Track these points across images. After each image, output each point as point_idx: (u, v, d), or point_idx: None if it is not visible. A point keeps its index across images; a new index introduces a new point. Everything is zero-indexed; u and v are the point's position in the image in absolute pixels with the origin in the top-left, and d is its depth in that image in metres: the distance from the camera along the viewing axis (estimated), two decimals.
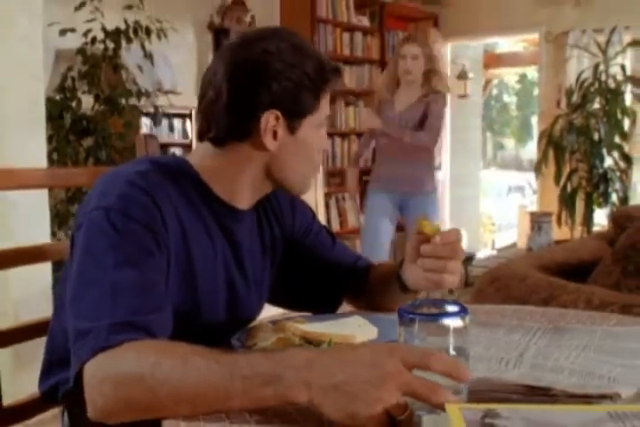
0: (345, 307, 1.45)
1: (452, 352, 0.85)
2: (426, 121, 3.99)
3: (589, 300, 2.12)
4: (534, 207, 6.71)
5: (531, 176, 6.73)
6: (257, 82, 1.16)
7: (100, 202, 1.08)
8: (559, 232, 5.47)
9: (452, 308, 0.88)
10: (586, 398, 0.86)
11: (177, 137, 4.40)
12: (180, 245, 1.14)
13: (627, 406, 0.84)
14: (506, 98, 19.19)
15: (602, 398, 0.86)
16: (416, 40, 4.10)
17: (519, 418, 0.75)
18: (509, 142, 20.11)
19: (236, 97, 1.17)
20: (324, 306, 1.41)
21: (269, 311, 1.44)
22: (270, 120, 1.16)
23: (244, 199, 1.26)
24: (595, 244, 2.91)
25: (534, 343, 1.12)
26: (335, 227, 5.68)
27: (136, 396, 0.89)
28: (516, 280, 2.27)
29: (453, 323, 0.85)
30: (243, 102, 1.17)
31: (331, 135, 5.67)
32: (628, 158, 5.28)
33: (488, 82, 9.04)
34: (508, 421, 0.74)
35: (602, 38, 5.47)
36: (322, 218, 5.33)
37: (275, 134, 1.17)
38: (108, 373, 0.91)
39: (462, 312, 0.86)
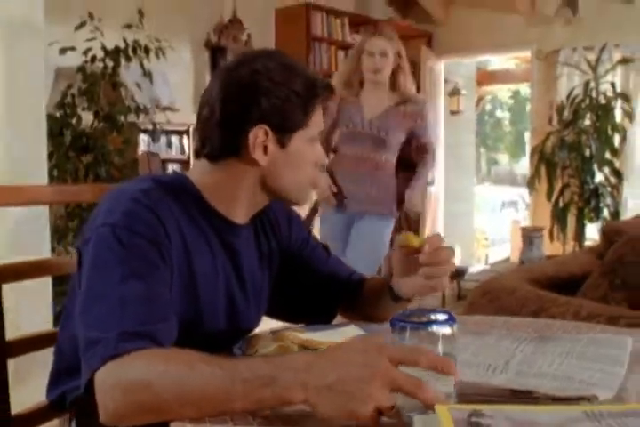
0: (339, 318, 1.51)
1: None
2: (412, 140, 3.61)
3: (577, 312, 2.18)
4: (527, 222, 6.78)
5: (524, 191, 6.80)
6: (246, 99, 1.22)
7: (107, 218, 1.14)
8: (552, 247, 5.54)
9: (440, 316, 0.94)
10: (565, 400, 0.92)
11: (175, 153, 4.47)
12: (182, 258, 1.19)
13: (602, 406, 0.90)
14: (499, 113, 19.31)
15: (580, 399, 0.92)
16: (383, 33, 3.54)
17: (503, 417, 0.81)
18: (503, 158, 20.22)
19: (227, 114, 1.23)
20: (320, 317, 1.47)
21: (269, 323, 1.49)
22: (259, 135, 1.22)
23: (242, 214, 1.32)
24: (585, 258, 2.98)
25: (520, 351, 1.18)
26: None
27: (145, 400, 0.94)
28: (507, 293, 2.34)
29: (442, 330, 0.92)
30: (233, 119, 1.23)
31: (325, 151, 5.75)
32: (618, 174, 5.36)
33: (481, 98, 9.14)
34: (492, 420, 0.80)
35: (592, 56, 5.57)
36: (316, 232, 5.39)
37: (265, 149, 1.23)
38: (118, 379, 0.97)
39: (450, 320, 0.93)
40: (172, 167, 4.24)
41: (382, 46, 3.44)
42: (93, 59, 3.85)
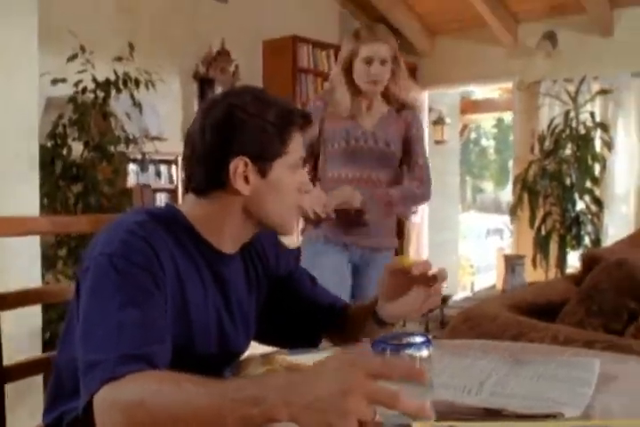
0: (326, 342, 1.57)
1: None
2: (404, 157, 2.95)
3: (555, 337, 2.25)
4: (512, 250, 6.87)
5: (509, 219, 6.90)
6: (223, 133, 1.30)
7: (104, 248, 1.21)
8: (535, 274, 5.62)
9: (418, 339, 1.01)
10: (534, 417, 0.99)
11: (163, 182, 4.53)
12: (175, 287, 1.26)
13: (568, 422, 0.97)
14: (484, 142, 19.51)
15: (547, 417, 0.99)
16: (379, 35, 2.84)
17: None
18: (489, 185, 20.38)
19: (207, 149, 1.31)
20: (306, 342, 1.54)
21: (259, 346, 1.55)
22: (239, 166, 1.29)
23: (231, 244, 1.38)
24: (564, 285, 3.05)
25: (495, 373, 1.25)
26: None
27: (140, 420, 1.00)
28: (488, 320, 2.40)
29: (420, 352, 0.99)
30: (212, 153, 1.31)
31: (311, 181, 5.82)
32: (599, 202, 5.46)
33: (465, 127, 9.27)
34: None
35: (572, 87, 5.70)
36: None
37: (247, 179, 1.30)
38: (115, 401, 1.02)
39: (427, 343, 1.00)
40: (160, 196, 4.30)
41: (383, 52, 2.79)
42: (84, 90, 3.92)
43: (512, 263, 5.53)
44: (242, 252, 1.45)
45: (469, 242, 11.84)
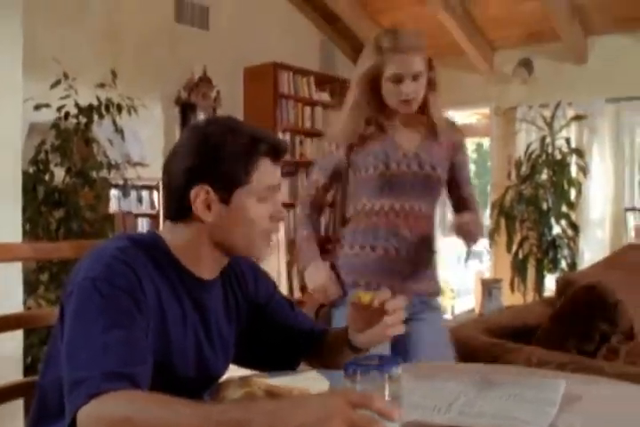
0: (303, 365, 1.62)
1: (388, 398, 1.03)
2: (457, 177, 2.42)
3: (529, 359, 2.31)
4: (490, 274, 6.92)
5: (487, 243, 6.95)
6: (186, 163, 1.35)
7: (88, 273, 1.25)
8: (513, 297, 5.67)
9: (388, 360, 1.07)
10: None
11: (145, 208, 4.56)
12: (156, 312, 1.30)
13: None
14: None
15: None
16: (409, 43, 2.22)
17: None
18: None
19: (173, 178, 1.37)
20: (284, 366, 1.58)
21: (237, 370, 1.59)
22: (200, 194, 1.33)
23: (209, 270, 1.43)
24: (539, 308, 3.11)
25: (464, 395, 1.30)
26: (297, 295, 5.81)
27: None
28: (463, 343, 2.45)
29: (389, 373, 1.04)
30: (177, 182, 1.36)
31: (292, 205, 5.87)
32: (574, 226, 5.54)
33: None
34: None
35: (547, 113, 5.79)
36: (284, 286, 5.49)
37: (209, 207, 1.34)
38: (100, 416, 1.06)
39: (396, 363, 1.05)
40: (142, 222, 4.33)
41: (414, 66, 2.20)
42: (67, 115, 3.95)
43: (489, 287, 5.59)
44: (222, 278, 1.49)
45: (450, 266, 11.89)
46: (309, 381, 1.30)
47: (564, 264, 5.55)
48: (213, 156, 1.34)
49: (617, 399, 1.17)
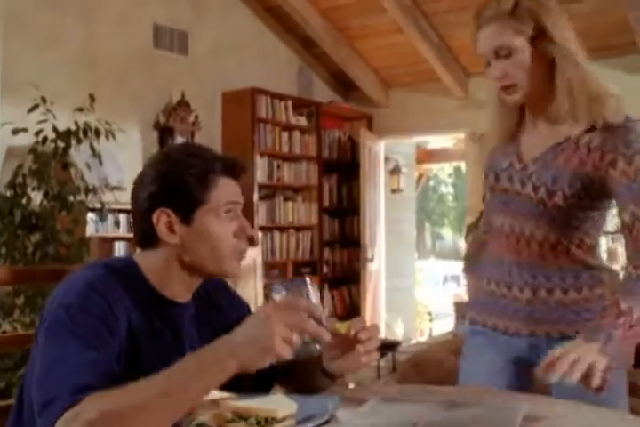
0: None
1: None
2: (616, 194, 1.65)
3: None
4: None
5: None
6: (144, 188, 1.40)
7: (62, 300, 1.30)
8: None
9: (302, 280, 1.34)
10: None
11: (122, 231, 4.57)
12: (127, 338, 1.34)
13: None
14: (443, 189, 19.82)
15: None
16: (502, 5, 1.66)
17: None
18: (448, 232, 20.65)
19: (135, 205, 1.43)
20: (258, 389, 1.61)
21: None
22: (161, 217, 1.38)
23: (180, 292, 1.46)
24: None
25: (429, 416, 1.33)
26: None
27: (110, 424, 1.09)
28: (434, 365, 2.49)
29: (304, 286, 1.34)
30: (139, 208, 1.42)
31: (270, 229, 5.92)
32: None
33: (421, 176, 9.47)
34: None
35: None
36: None
37: (172, 229, 1.39)
38: (79, 422, 1.09)
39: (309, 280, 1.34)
40: (119, 245, 4.34)
41: (493, 39, 1.68)
42: (45, 140, 3.97)
43: (463, 310, 5.63)
44: (195, 301, 1.52)
45: (427, 289, 11.95)
46: (276, 403, 1.33)
47: None
48: (171, 179, 1.39)
49: (581, 422, 1.20)
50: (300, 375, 1.62)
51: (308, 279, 1.34)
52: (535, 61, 1.66)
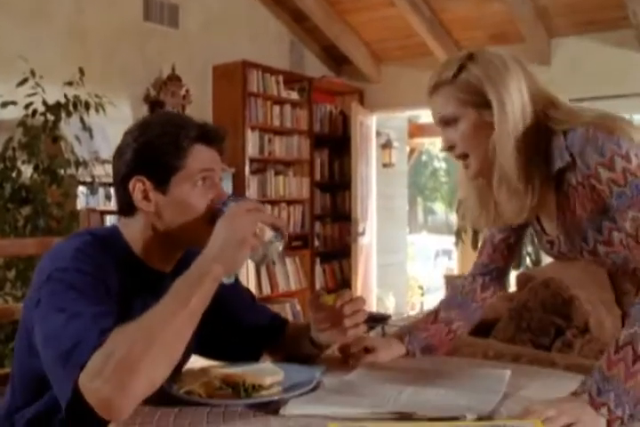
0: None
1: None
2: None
3: (486, 352, 2.38)
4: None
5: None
6: (121, 157, 1.42)
7: (57, 266, 1.31)
8: None
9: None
10: (439, 420, 1.10)
11: (113, 205, 4.56)
12: (117, 303, 1.35)
13: (467, 422, 1.08)
14: (436, 164, 19.83)
15: (452, 419, 1.10)
16: (437, 73, 1.52)
17: None
18: (440, 207, 20.71)
19: (114, 172, 1.44)
20: (246, 356, 1.63)
21: (200, 360, 1.64)
22: (137, 186, 1.39)
23: (162, 262, 1.48)
24: (498, 303, 3.18)
25: (414, 384, 1.36)
26: (266, 291, 5.85)
27: (122, 357, 1.11)
28: None
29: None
30: (116, 177, 1.43)
31: (261, 203, 5.91)
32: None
33: (413, 150, 9.46)
34: None
35: None
36: (252, 282, 5.54)
37: (147, 197, 1.39)
38: (100, 361, 1.11)
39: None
40: (110, 219, 4.33)
41: (438, 108, 1.54)
42: (34, 113, 3.96)
43: (452, 284, 5.67)
44: (181, 270, 1.54)
45: (419, 263, 12.02)
46: (264, 371, 1.35)
47: (528, 261, 5.65)
48: (146, 147, 1.40)
49: (561, 388, 1.23)
50: (288, 343, 1.64)
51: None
52: (481, 130, 1.45)
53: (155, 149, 1.39)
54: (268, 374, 1.32)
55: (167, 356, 1.15)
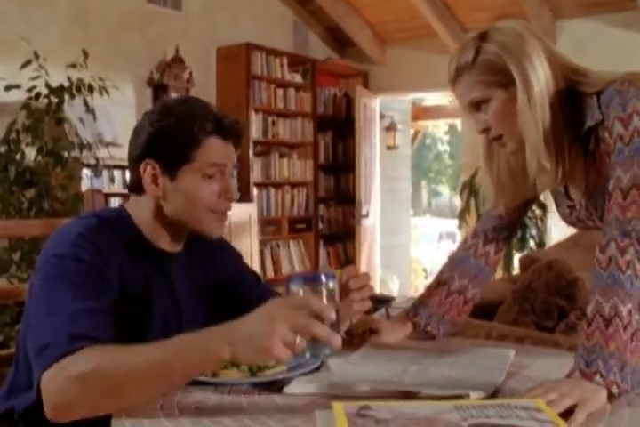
0: None
1: (325, 301, 1.16)
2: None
3: (489, 334, 2.39)
4: None
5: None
6: (140, 139, 1.42)
7: (55, 251, 1.32)
8: None
9: (324, 273, 1.21)
10: (443, 398, 1.10)
11: (117, 187, 4.57)
12: (121, 285, 1.36)
13: (470, 401, 1.09)
14: (440, 147, 19.78)
15: (455, 398, 1.10)
16: (457, 58, 1.47)
17: (386, 410, 0.99)
18: (444, 190, 20.68)
19: (129, 152, 1.45)
20: None
21: None
22: (147, 169, 1.41)
23: (169, 243, 1.49)
24: (502, 285, 3.20)
25: (418, 363, 1.37)
26: (269, 274, 5.87)
27: (95, 384, 1.09)
28: None
29: (326, 285, 1.18)
30: (130, 158, 1.44)
31: (265, 185, 5.93)
32: (543, 206, 5.64)
33: (417, 133, 9.44)
34: (377, 411, 0.98)
35: None
36: (256, 265, 5.55)
37: (156, 181, 1.41)
38: (69, 373, 1.11)
39: (332, 277, 1.20)
40: (114, 201, 4.34)
41: (466, 93, 1.48)
42: (38, 95, 3.96)
43: (459, 245, 5.67)
44: (188, 252, 1.54)
45: (423, 246, 12.03)
46: None
47: (532, 243, 5.65)
48: (163, 134, 1.40)
49: (564, 367, 1.23)
50: None
51: (331, 272, 1.23)
52: (513, 108, 1.42)
53: (169, 137, 1.40)
54: None
55: (125, 401, 1.12)
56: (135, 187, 1.46)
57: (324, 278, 1.19)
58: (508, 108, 1.43)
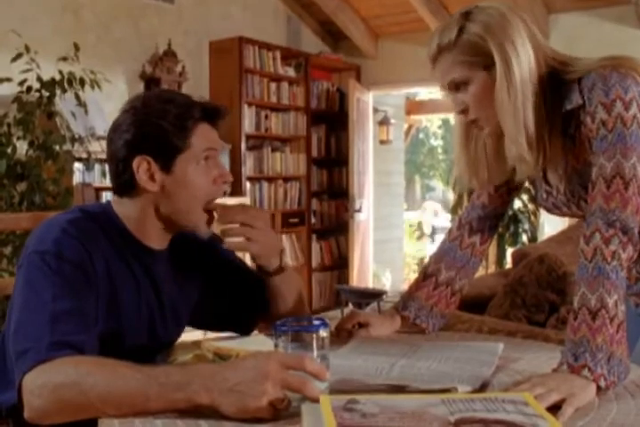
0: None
1: (317, 358, 1.10)
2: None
3: (480, 328, 2.39)
4: None
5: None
6: (126, 136, 1.37)
7: (37, 247, 1.30)
8: None
9: (316, 322, 1.13)
10: (430, 392, 1.10)
11: (108, 181, 4.54)
12: (106, 285, 1.35)
13: (457, 394, 1.09)
14: (433, 142, 19.80)
15: (443, 391, 1.10)
16: (438, 36, 1.45)
17: (373, 404, 0.99)
18: (438, 184, 20.71)
19: (112, 152, 1.40)
20: (241, 328, 1.63)
21: (193, 333, 1.65)
22: (142, 164, 1.36)
23: (156, 240, 1.46)
24: (494, 280, 3.20)
25: (408, 357, 1.37)
26: None
27: (69, 398, 1.09)
28: None
29: (317, 334, 1.12)
30: (117, 155, 1.39)
31: (258, 179, 5.92)
32: (535, 200, 5.65)
33: (410, 127, 9.44)
34: (364, 405, 0.98)
35: None
36: (248, 259, 5.53)
37: (152, 176, 1.37)
38: (47, 380, 1.11)
39: (324, 325, 1.12)
40: (105, 195, 4.32)
41: (446, 73, 1.45)
42: (29, 89, 3.94)
43: (445, 237, 5.68)
44: (176, 249, 1.53)
45: (416, 240, 12.03)
46: (257, 343, 1.36)
47: (524, 238, 5.67)
48: (150, 126, 1.37)
49: (553, 361, 1.23)
50: (284, 316, 1.64)
51: (322, 323, 1.16)
52: (492, 92, 1.39)
53: (158, 129, 1.37)
54: (260, 346, 1.32)
55: (97, 415, 1.09)
56: (125, 187, 1.41)
57: (314, 329, 1.14)
58: (488, 92, 1.40)
